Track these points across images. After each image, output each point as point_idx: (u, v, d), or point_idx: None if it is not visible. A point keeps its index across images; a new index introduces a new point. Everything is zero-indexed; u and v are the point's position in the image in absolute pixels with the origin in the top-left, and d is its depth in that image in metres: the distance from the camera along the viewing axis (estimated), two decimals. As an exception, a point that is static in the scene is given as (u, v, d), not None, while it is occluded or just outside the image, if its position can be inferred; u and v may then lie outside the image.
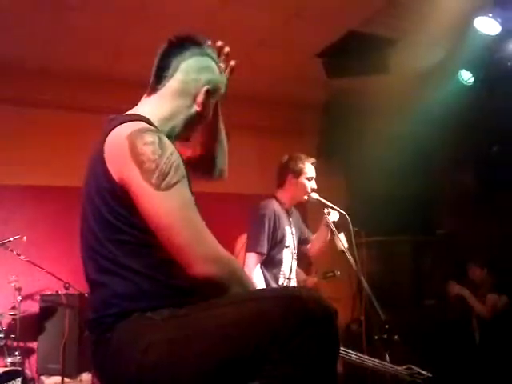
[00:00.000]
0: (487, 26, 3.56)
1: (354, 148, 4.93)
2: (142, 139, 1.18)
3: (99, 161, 1.22)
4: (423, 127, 4.49)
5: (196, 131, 1.50)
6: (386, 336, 2.16)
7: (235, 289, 1.19)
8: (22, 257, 3.63)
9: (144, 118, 1.29)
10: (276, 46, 4.21)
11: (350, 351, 2.14)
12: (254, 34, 4.00)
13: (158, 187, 1.15)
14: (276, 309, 1.09)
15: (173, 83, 1.38)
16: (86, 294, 3.98)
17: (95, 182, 1.25)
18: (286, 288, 2.38)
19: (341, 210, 2.67)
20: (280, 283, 2.78)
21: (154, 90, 1.39)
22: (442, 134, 4.43)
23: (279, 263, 2.75)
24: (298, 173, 2.78)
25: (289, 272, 2.80)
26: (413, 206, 4.77)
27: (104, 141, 1.24)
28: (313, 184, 2.81)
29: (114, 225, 1.22)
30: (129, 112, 1.37)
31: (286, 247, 2.78)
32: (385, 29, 3.95)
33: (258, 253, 2.65)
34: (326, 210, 2.72)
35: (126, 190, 1.19)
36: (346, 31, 4.01)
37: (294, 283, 2.84)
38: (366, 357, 2.19)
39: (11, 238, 3.62)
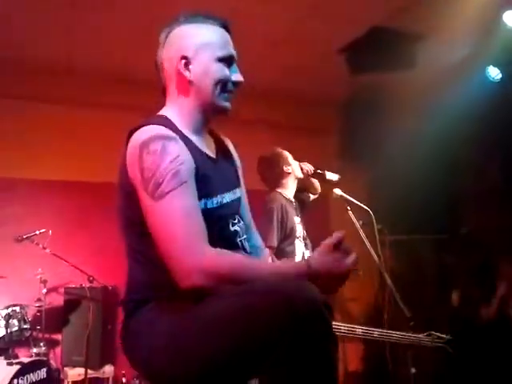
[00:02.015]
0: (516, 20, 3.48)
1: (376, 145, 4.87)
2: (147, 148, 1.22)
3: (123, 162, 1.30)
4: (448, 124, 4.41)
5: (221, 103, 1.38)
6: (411, 334, 2.14)
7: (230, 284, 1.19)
8: (47, 250, 3.70)
9: (164, 118, 1.33)
10: (298, 42, 4.18)
11: (370, 328, 2.16)
12: (276, 30, 3.98)
13: (152, 196, 1.19)
14: (263, 308, 1.08)
15: (165, 77, 1.38)
16: (110, 288, 4.05)
17: (119, 180, 1.33)
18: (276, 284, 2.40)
19: (365, 207, 2.65)
20: None
21: (164, 90, 1.42)
22: (467, 131, 4.35)
23: (291, 254, 2.79)
24: (286, 159, 2.98)
25: None
26: (437, 203, 4.70)
27: (127, 143, 1.31)
28: (303, 164, 2.98)
29: (132, 219, 1.30)
30: (159, 113, 1.41)
31: (297, 237, 2.83)
32: (410, 24, 3.89)
33: (268, 247, 2.68)
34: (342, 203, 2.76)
35: (135, 190, 1.26)
36: (370, 26, 3.96)
37: None
38: (387, 331, 2.21)
39: (37, 232, 3.69)
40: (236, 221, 1.41)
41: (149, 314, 1.26)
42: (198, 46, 1.32)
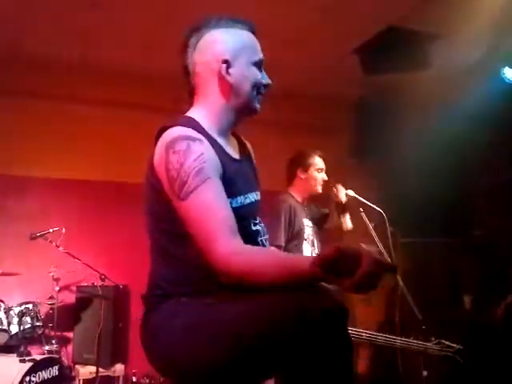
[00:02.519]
0: (534, 20, 3.43)
1: (389, 147, 4.84)
2: (173, 148, 1.26)
3: (151, 161, 1.33)
4: (463, 126, 4.36)
5: (253, 104, 1.42)
6: (421, 337, 2.11)
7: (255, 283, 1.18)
8: (60, 248, 3.73)
9: (191, 120, 1.36)
10: (313, 42, 4.17)
11: (376, 333, 2.13)
12: (290, 31, 3.98)
13: (178, 196, 1.23)
14: (276, 316, 1.09)
15: (196, 79, 1.39)
16: (121, 286, 4.07)
17: (148, 178, 1.35)
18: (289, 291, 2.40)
19: (378, 208, 2.63)
20: None
21: (192, 93, 1.43)
22: (482, 132, 4.30)
23: (299, 251, 2.79)
24: (308, 166, 2.88)
25: None
26: (450, 206, 4.65)
27: (156, 143, 1.33)
28: (323, 175, 2.85)
29: (159, 215, 1.34)
30: (186, 114, 1.44)
31: (305, 239, 2.82)
32: (425, 24, 3.85)
33: (275, 246, 2.69)
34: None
35: (163, 187, 1.28)
36: (384, 27, 3.93)
37: None
38: (394, 337, 2.18)
39: (51, 230, 3.73)
40: (257, 221, 1.45)
41: (169, 309, 1.29)
42: (237, 50, 1.36)
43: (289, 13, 3.72)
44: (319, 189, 2.90)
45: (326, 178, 2.89)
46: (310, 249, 2.88)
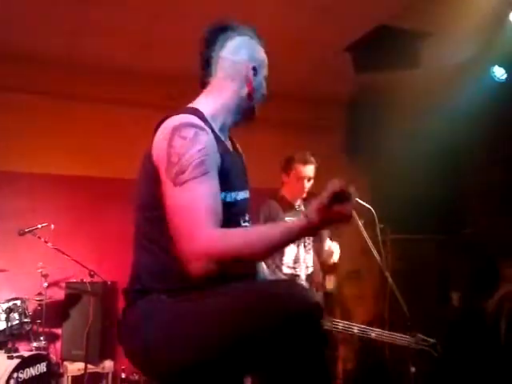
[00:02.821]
0: (523, 20, 3.46)
1: (380, 145, 4.86)
2: (179, 132, 1.26)
3: (149, 147, 1.34)
4: (452, 124, 4.39)
5: (255, 111, 1.53)
6: (409, 334, 2.13)
7: (232, 270, 1.23)
8: (49, 244, 3.70)
9: (197, 110, 1.37)
10: (303, 41, 4.17)
11: (352, 323, 2.16)
12: (281, 29, 3.97)
13: (174, 182, 1.23)
14: (256, 308, 1.14)
15: (219, 73, 1.45)
16: (110, 283, 4.05)
17: (143, 164, 1.36)
18: (271, 284, 2.44)
19: (367, 205, 2.64)
20: (284, 272, 2.88)
21: (204, 83, 1.47)
22: (472, 131, 4.33)
23: (280, 252, 2.81)
24: (289, 172, 2.94)
25: (293, 262, 2.89)
26: (440, 203, 4.68)
27: (157, 128, 1.35)
28: (305, 184, 2.92)
29: (149, 203, 1.33)
30: (189, 105, 1.46)
31: None
32: (416, 23, 3.87)
33: None
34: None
35: (159, 173, 1.29)
36: (375, 25, 3.94)
37: (300, 272, 2.91)
38: (370, 328, 2.21)
39: (39, 226, 3.70)
40: (247, 218, 1.47)
41: (147, 306, 1.28)
42: (261, 63, 1.50)
43: (280, 12, 3.72)
44: (301, 194, 2.94)
45: (306, 186, 2.90)
46: (293, 248, 2.91)
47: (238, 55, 1.45)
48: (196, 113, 1.35)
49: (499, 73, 4.08)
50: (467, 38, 3.94)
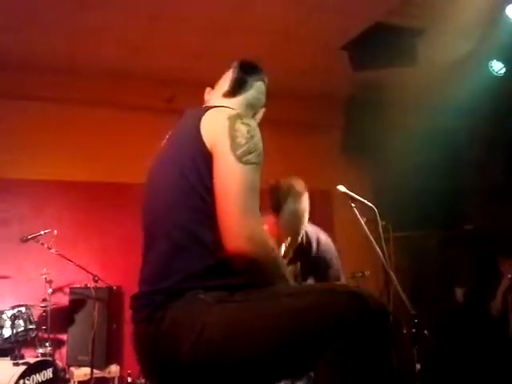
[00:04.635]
0: (520, 13, 3.46)
1: (380, 142, 4.86)
2: (242, 120, 1.35)
3: (193, 132, 1.35)
4: (451, 120, 4.39)
5: None
6: (414, 330, 2.12)
7: (268, 270, 1.28)
8: (52, 250, 3.71)
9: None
10: (301, 39, 4.17)
11: None
12: (279, 27, 3.98)
13: (239, 159, 1.27)
14: (338, 302, 1.16)
15: (248, 96, 1.60)
16: (115, 288, 4.06)
17: (186, 149, 1.36)
18: (345, 285, 2.37)
19: (369, 203, 2.63)
20: None
21: (233, 94, 1.59)
22: (471, 126, 4.33)
23: None
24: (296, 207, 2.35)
25: None
26: (440, 200, 4.68)
27: (200, 117, 1.38)
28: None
29: (195, 189, 1.30)
30: (212, 104, 1.54)
31: None
32: (412, 19, 3.87)
33: None
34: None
35: (211, 156, 1.30)
36: (372, 23, 3.94)
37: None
38: None
39: (42, 232, 3.71)
40: None
41: (188, 308, 1.22)
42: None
43: (277, 9, 3.72)
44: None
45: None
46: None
47: (259, 95, 1.65)
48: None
49: (497, 67, 4.08)
50: (464, 33, 3.94)
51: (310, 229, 2.43)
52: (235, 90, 1.59)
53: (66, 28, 3.89)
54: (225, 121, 1.33)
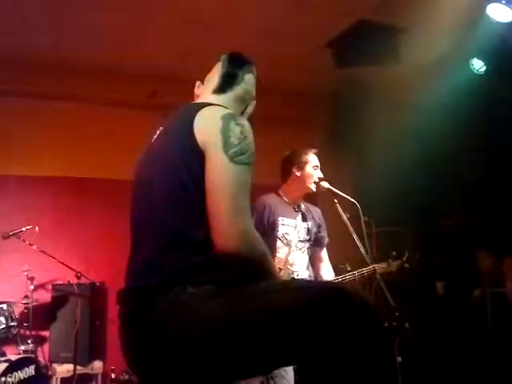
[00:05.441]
0: (500, 13, 3.51)
1: (363, 139, 4.90)
2: (236, 121, 1.35)
3: (185, 130, 1.35)
4: (432, 117, 4.45)
5: None
6: (395, 323, 2.16)
7: (257, 268, 1.29)
8: (34, 247, 3.67)
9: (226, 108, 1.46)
10: (284, 36, 4.19)
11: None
12: (263, 24, 3.99)
13: (231, 158, 1.28)
14: (323, 298, 1.19)
15: (238, 90, 1.60)
16: (98, 284, 4.03)
17: (179, 147, 1.36)
18: (330, 281, 2.61)
19: (351, 199, 2.66)
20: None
21: (223, 90, 1.59)
22: (451, 124, 4.39)
23: (271, 250, 2.71)
24: (303, 164, 2.79)
25: (283, 263, 2.73)
26: (421, 196, 4.75)
27: (194, 114, 1.37)
28: (318, 173, 2.80)
29: (185, 186, 1.30)
30: (203, 101, 1.53)
31: (279, 238, 2.74)
32: (395, 17, 3.91)
33: None
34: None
35: (203, 154, 1.30)
36: (355, 20, 3.97)
37: (289, 274, 2.74)
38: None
39: (24, 228, 3.67)
40: None
41: (178, 301, 1.22)
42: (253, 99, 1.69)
43: (262, 6, 3.73)
44: (313, 187, 2.78)
45: (321, 175, 2.78)
46: (284, 248, 2.76)
47: (250, 88, 1.65)
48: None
49: (478, 65, 4.13)
50: (445, 32, 3.99)
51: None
52: (225, 85, 1.59)
53: (52, 24, 3.84)
54: (218, 120, 1.33)
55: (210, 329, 1.18)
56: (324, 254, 2.96)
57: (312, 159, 2.81)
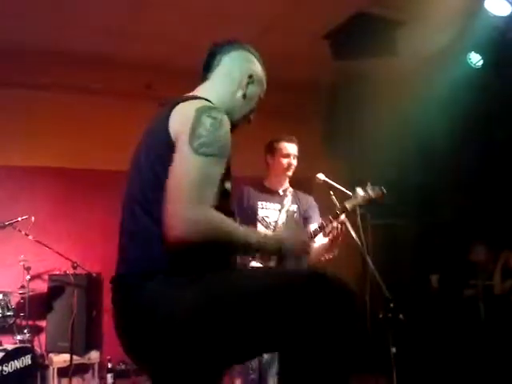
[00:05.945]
0: (498, 6, 3.51)
1: (359, 132, 4.90)
2: (208, 113, 1.33)
3: (163, 122, 1.36)
4: (430, 110, 4.45)
5: (246, 120, 1.63)
6: (390, 315, 2.18)
7: (228, 244, 1.31)
8: (30, 237, 3.67)
9: (209, 100, 1.44)
10: (282, 28, 4.17)
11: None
12: (260, 16, 3.97)
13: (195, 151, 1.27)
14: (302, 282, 1.25)
15: (221, 68, 1.56)
16: (94, 274, 4.04)
17: (154, 141, 1.38)
18: (309, 268, 2.66)
19: (348, 192, 2.67)
20: None
21: (204, 78, 1.58)
22: (448, 117, 4.40)
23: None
24: (273, 152, 2.93)
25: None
26: (417, 189, 4.76)
27: (172, 109, 1.38)
28: (290, 161, 2.88)
29: (159, 178, 1.31)
30: (194, 94, 1.52)
31: (259, 221, 2.85)
32: (393, 10, 3.89)
33: None
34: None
35: (175, 147, 1.31)
36: (353, 12, 3.96)
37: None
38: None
39: (19, 218, 3.67)
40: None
41: (165, 287, 1.27)
42: (260, 78, 1.62)
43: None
44: (287, 173, 2.92)
45: (293, 163, 2.90)
46: (264, 230, 2.84)
47: (241, 60, 1.58)
48: (210, 102, 1.42)
49: (475, 59, 4.13)
50: (443, 25, 3.98)
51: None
52: (204, 72, 1.58)
53: (47, 14, 3.81)
54: (191, 112, 1.33)
55: (194, 312, 1.23)
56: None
57: (282, 147, 2.92)
